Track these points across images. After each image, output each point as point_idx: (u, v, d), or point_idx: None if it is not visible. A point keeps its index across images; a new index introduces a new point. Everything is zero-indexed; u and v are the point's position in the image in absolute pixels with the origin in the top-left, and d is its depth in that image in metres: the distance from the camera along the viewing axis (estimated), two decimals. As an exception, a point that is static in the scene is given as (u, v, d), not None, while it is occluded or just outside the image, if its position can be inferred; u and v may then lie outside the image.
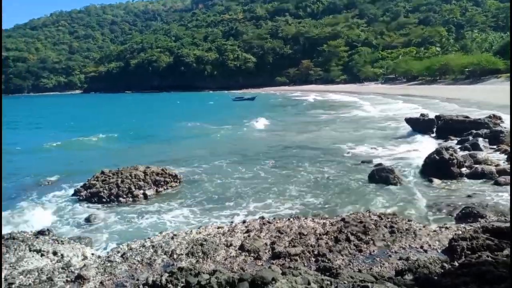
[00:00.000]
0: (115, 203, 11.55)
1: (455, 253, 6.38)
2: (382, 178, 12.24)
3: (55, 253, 7.23)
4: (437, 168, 12.70)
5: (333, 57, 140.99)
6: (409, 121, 22.44)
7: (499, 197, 10.18)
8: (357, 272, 5.89)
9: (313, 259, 6.70)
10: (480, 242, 6.39)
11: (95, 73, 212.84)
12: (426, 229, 7.72)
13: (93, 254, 7.58)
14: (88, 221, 9.95)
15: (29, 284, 6.09)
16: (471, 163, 13.23)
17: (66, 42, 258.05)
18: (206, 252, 6.98)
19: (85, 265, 6.67)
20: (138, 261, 6.83)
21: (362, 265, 6.39)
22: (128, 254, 7.05)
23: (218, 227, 8.41)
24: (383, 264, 6.37)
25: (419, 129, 21.58)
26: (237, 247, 7.20)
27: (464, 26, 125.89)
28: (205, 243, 7.26)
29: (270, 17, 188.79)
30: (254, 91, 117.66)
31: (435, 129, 20.96)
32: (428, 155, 13.58)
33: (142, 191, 12.05)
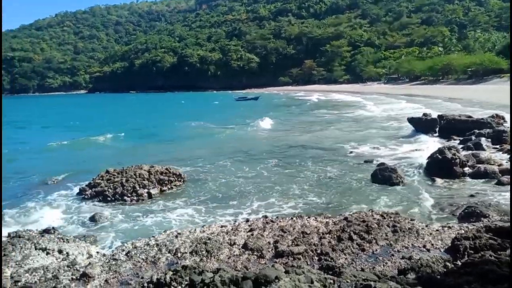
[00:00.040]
0: (119, 202, 11.61)
1: (458, 253, 6.39)
2: (385, 177, 12.26)
3: (60, 251, 7.29)
4: (440, 167, 12.71)
5: (336, 57, 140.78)
6: (412, 120, 22.40)
7: (502, 197, 10.15)
8: (360, 271, 5.90)
9: (316, 258, 6.72)
10: (483, 241, 6.38)
11: (100, 73, 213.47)
12: (428, 228, 7.73)
13: (98, 252, 7.63)
14: (93, 220, 10.01)
15: (35, 282, 6.13)
16: (474, 162, 13.23)
17: (71, 42, 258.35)
18: (210, 250, 7.02)
19: (90, 263, 6.71)
20: (142, 259, 6.88)
21: (365, 264, 6.41)
22: (132, 252, 7.09)
23: (221, 226, 8.45)
24: (386, 263, 6.40)
25: (421, 128, 21.55)
26: (241, 246, 7.24)
27: (467, 26, 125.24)
28: (208, 241, 7.30)
29: (273, 18, 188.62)
30: (257, 91, 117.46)
31: (437, 129, 20.93)
32: (430, 154, 13.58)
33: (146, 190, 12.10)
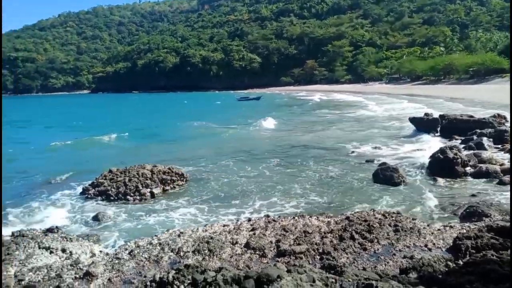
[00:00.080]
0: (122, 201, 11.66)
1: (459, 252, 6.40)
2: (386, 177, 12.27)
3: (63, 250, 7.33)
4: (442, 167, 12.72)
5: (337, 57, 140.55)
6: (413, 120, 22.39)
7: (503, 196, 10.16)
8: (361, 270, 5.93)
9: (318, 257, 6.74)
10: (484, 241, 6.39)
11: (103, 73, 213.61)
12: (430, 227, 7.74)
13: (101, 251, 7.67)
14: (96, 219, 10.05)
15: (39, 280, 6.17)
16: (476, 162, 13.22)
17: (74, 42, 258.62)
18: (212, 249, 7.05)
19: (93, 262, 6.74)
20: (145, 258, 6.91)
21: (366, 263, 6.42)
22: (135, 251, 7.12)
23: (224, 225, 8.48)
24: (388, 262, 6.41)
25: (423, 128, 21.54)
26: (243, 245, 7.26)
27: (468, 26, 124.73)
28: (211, 240, 7.33)
29: (275, 18, 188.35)
30: (259, 91, 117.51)
31: (439, 129, 20.91)
32: (432, 154, 13.59)
33: (149, 190, 12.14)
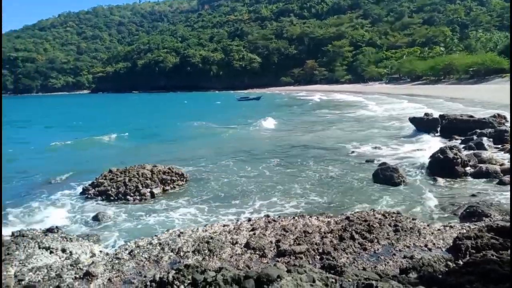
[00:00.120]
0: (122, 201, 11.66)
1: (459, 252, 6.40)
2: (386, 177, 12.26)
3: (63, 250, 7.33)
4: (441, 167, 12.72)
5: (337, 57, 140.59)
6: (413, 120, 22.40)
7: (503, 196, 10.15)
8: (361, 270, 5.93)
9: (318, 257, 6.74)
10: (484, 241, 6.39)
11: (103, 73, 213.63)
12: (430, 227, 7.74)
13: (101, 251, 7.67)
14: (96, 219, 10.05)
15: (38, 280, 6.17)
16: (476, 162, 13.22)
17: (74, 42, 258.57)
18: (212, 249, 7.05)
19: (93, 262, 6.74)
20: (145, 258, 6.91)
21: (366, 263, 6.42)
22: (135, 251, 7.12)
23: (224, 225, 8.48)
24: (388, 262, 6.41)
25: (423, 128, 21.54)
26: (243, 245, 7.26)
27: (468, 26, 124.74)
28: (211, 240, 7.33)
29: (275, 18, 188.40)
30: (259, 91, 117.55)
31: (439, 129, 20.91)
32: (432, 154, 13.59)
33: (149, 190, 12.14)
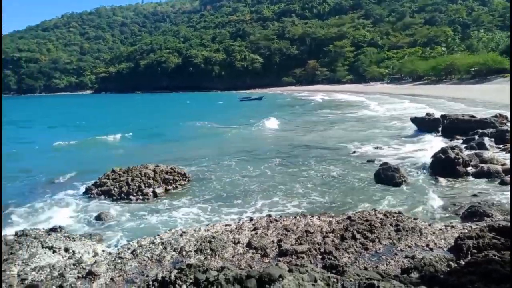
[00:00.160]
0: (125, 201, 11.71)
1: (461, 252, 6.40)
2: (388, 177, 12.26)
3: (66, 250, 7.36)
4: (443, 167, 12.71)
5: (339, 57, 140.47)
6: (415, 120, 22.40)
7: (504, 196, 10.14)
8: (363, 269, 5.95)
9: (320, 257, 6.76)
10: (486, 241, 6.39)
11: (106, 73, 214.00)
12: (432, 227, 7.75)
13: (103, 250, 7.70)
14: (99, 219, 10.09)
15: (41, 280, 6.21)
16: (477, 162, 13.21)
17: (77, 43, 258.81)
18: (214, 249, 7.08)
19: (96, 262, 6.78)
20: (148, 257, 6.95)
21: (368, 263, 6.44)
22: (138, 250, 7.16)
23: (226, 225, 8.51)
24: (389, 262, 6.42)
25: (425, 128, 21.56)
26: (245, 245, 7.29)
27: (470, 25, 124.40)
28: (213, 240, 7.36)
29: (276, 18, 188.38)
30: (261, 91, 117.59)
31: (440, 129, 20.90)
32: (434, 154, 13.58)
33: (151, 189, 12.17)
